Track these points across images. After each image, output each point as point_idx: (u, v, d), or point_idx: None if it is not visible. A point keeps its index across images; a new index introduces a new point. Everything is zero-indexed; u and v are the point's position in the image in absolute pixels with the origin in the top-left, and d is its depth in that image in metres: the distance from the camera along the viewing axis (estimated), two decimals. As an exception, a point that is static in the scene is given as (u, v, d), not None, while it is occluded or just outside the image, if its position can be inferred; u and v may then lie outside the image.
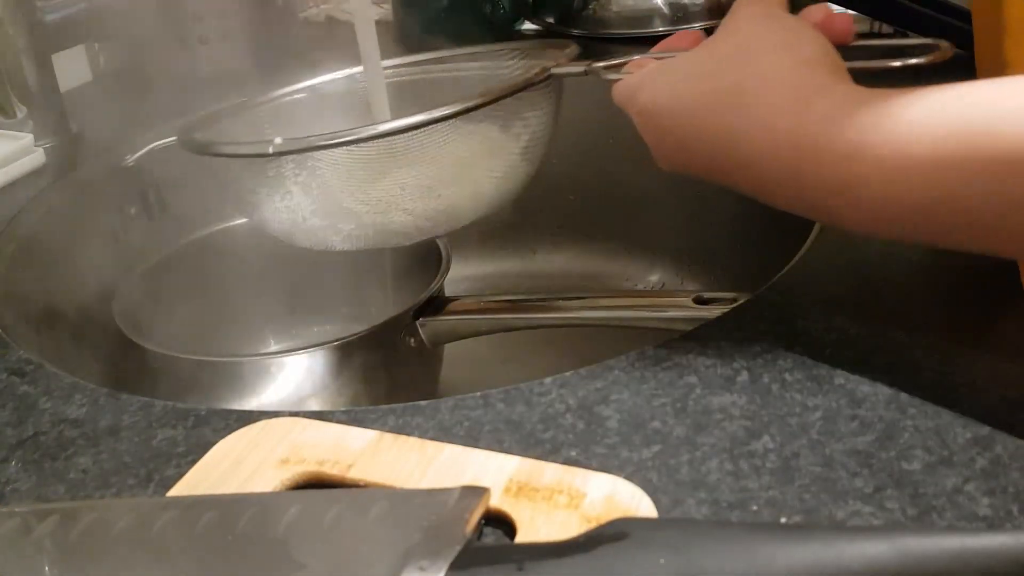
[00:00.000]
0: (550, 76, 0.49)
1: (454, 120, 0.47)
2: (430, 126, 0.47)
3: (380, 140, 0.47)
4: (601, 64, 0.48)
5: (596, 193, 0.80)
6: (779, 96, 0.36)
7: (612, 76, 0.45)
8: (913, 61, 0.40)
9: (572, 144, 0.78)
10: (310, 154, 0.48)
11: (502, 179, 0.51)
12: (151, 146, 0.71)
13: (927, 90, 0.32)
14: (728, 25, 0.40)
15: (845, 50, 0.40)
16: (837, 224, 0.35)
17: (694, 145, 0.39)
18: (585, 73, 0.49)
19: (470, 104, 0.47)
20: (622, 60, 0.47)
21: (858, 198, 0.33)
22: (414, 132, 0.47)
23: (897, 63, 0.40)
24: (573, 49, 0.54)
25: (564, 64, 0.49)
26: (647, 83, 0.41)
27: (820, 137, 0.34)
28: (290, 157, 0.48)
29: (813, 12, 0.41)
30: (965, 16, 0.68)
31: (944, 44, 0.40)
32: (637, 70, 0.44)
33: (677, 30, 0.83)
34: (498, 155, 0.51)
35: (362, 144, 0.46)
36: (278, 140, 0.47)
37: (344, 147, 0.47)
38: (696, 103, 0.39)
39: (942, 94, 0.31)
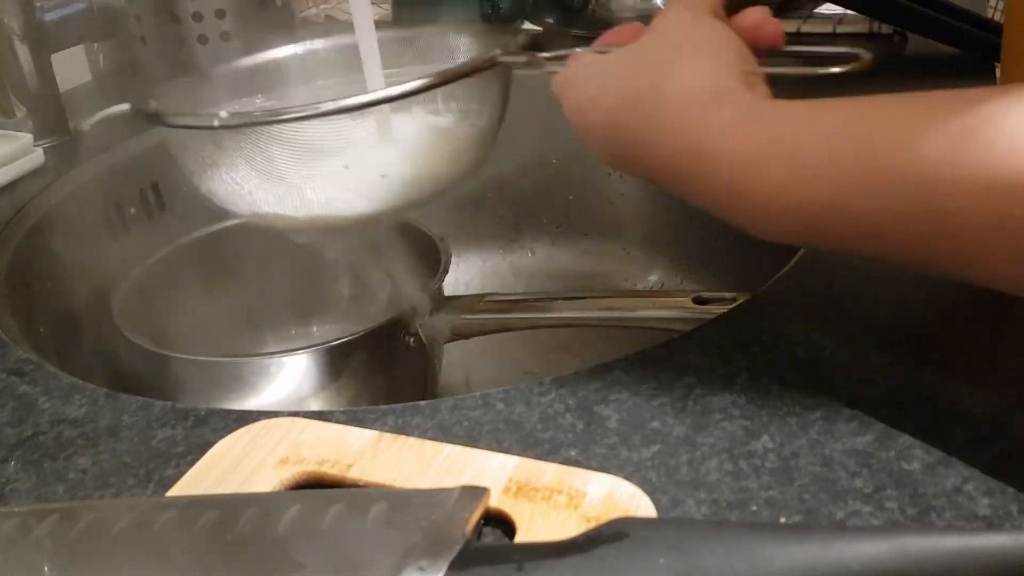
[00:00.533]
0: (496, 64, 0.50)
1: (396, 103, 0.48)
2: (374, 107, 0.47)
3: (324, 118, 0.47)
4: (544, 55, 0.49)
5: (595, 193, 0.81)
6: (688, 102, 0.37)
7: (553, 68, 0.46)
8: (834, 70, 0.41)
9: (570, 144, 0.78)
10: (256, 129, 0.48)
11: (449, 163, 0.52)
12: (104, 112, 0.72)
13: (831, 103, 0.33)
14: (655, 26, 0.41)
15: (774, 56, 0.41)
16: (741, 228, 0.36)
17: (615, 145, 0.40)
18: (529, 63, 0.49)
19: (410, 88, 0.47)
20: (564, 52, 0.48)
21: (752, 205, 0.34)
22: (357, 112, 0.47)
23: (819, 71, 0.41)
24: (522, 36, 0.54)
25: (511, 53, 0.50)
26: (575, 79, 0.43)
27: (719, 144, 0.35)
28: (236, 130, 0.49)
29: (748, 15, 0.42)
30: (979, 22, 0.68)
31: (864, 54, 0.41)
32: (578, 60, 0.45)
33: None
34: (444, 139, 0.51)
35: (306, 122, 0.47)
36: (224, 114, 0.48)
37: (287, 123, 0.47)
38: (615, 103, 0.40)
39: (844, 106, 0.33)
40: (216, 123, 0.48)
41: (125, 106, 0.55)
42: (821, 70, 0.41)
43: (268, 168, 0.49)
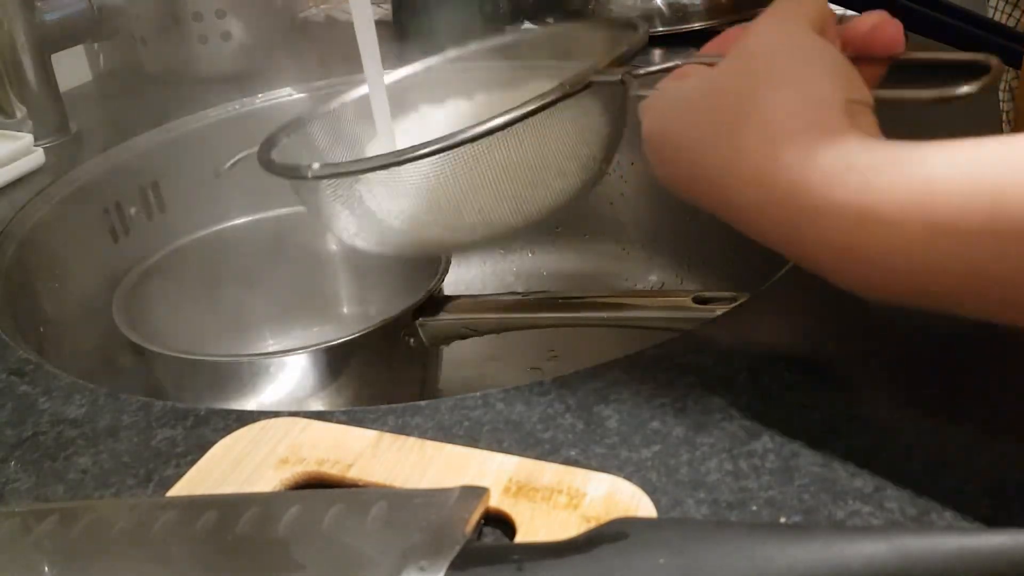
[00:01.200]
0: (589, 85, 0.45)
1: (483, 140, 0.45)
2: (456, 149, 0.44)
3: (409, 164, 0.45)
4: (639, 72, 0.44)
5: (595, 194, 0.80)
6: (780, 144, 0.31)
7: (641, 93, 0.41)
8: (962, 91, 0.34)
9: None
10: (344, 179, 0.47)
11: (546, 192, 0.49)
12: (242, 155, 0.70)
13: (952, 145, 0.28)
14: (741, 45, 0.35)
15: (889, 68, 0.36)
16: (842, 286, 0.31)
17: (688, 181, 0.36)
18: (622, 82, 0.44)
19: (492, 125, 0.44)
20: (660, 67, 0.42)
21: (867, 266, 0.30)
22: (440, 156, 0.45)
23: (946, 94, 0.34)
24: (639, 36, 0.49)
25: (603, 72, 0.45)
26: (651, 106, 0.38)
27: (824, 197, 0.30)
28: (328, 181, 0.48)
29: (865, 19, 0.37)
30: (979, 22, 0.68)
31: (995, 61, 0.35)
32: (672, 82, 0.39)
33: (678, 30, 0.84)
34: (536, 168, 0.48)
35: (391, 168, 0.45)
36: (316, 166, 0.47)
37: (376, 171, 0.46)
38: (691, 138, 0.35)
39: (972, 150, 0.28)
40: (309, 175, 0.47)
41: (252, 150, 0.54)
42: (947, 92, 0.34)
43: (364, 213, 0.48)
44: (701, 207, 0.36)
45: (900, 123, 0.35)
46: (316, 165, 0.47)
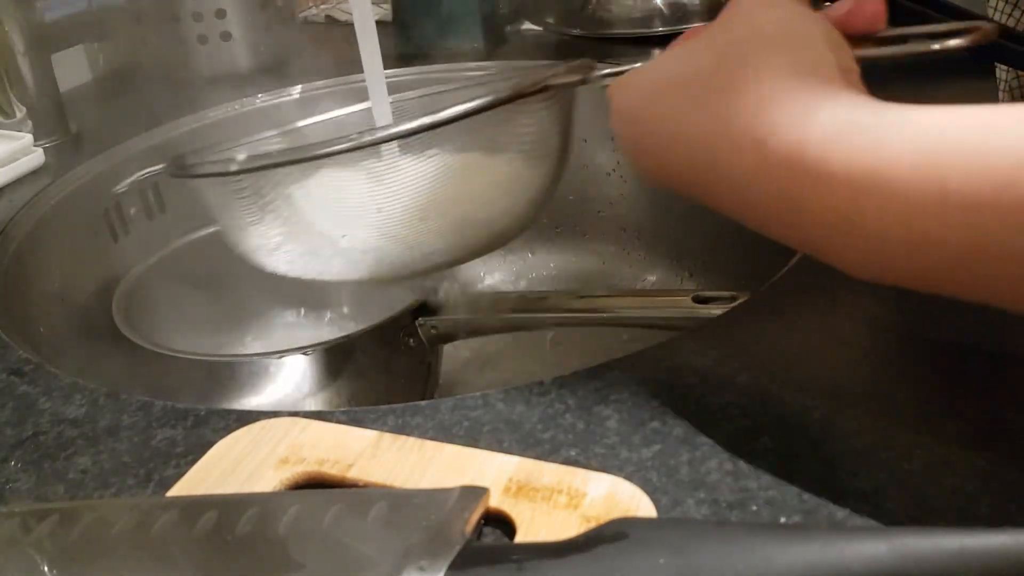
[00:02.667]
0: (546, 88, 0.43)
1: (427, 134, 0.41)
2: (398, 140, 0.41)
3: (354, 152, 0.42)
4: (602, 71, 0.43)
5: (595, 193, 0.81)
6: (773, 104, 0.29)
7: (607, 82, 0.41)
8: (952, 43, 0.33)
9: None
10: (278, 175, 0.43)
11: (501, 199, 0.45)
12: (136, 176, 0.68)
13: (965, 110, 0.26)
14: (724, 15, 0.34)
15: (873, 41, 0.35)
16: (836, 264, 0.29)
17: (669, 157, 0.33)
18: (584, 82, 0.44)
19: (441, 117, 0.41)
20: (624, 68, 0.41)
21: (868, 237, 0.27)
22: (385, 145, 0.41)
23: (935, 46, 0.33)
24: (585, 63, 0.46)
25: (561, 75, 0.44)
26: (622, 83, 0.36)
27: (824, 159, 0.27)
28: (259, 177, 0.43)
29: (842, 3, 0.35)
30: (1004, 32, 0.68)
31: (986, 25, 0.34)
32: None
33: (679, 30, 0.84)
34: (488, 175, 0.45)
35: (335, 158, 0.41)
36: (241, 156, 0.43)
37: (312, 161, 0.42)
38: (673, 109, 0.33)
39: (989, 115, 0.25)
40: (234, 167, 0.43)
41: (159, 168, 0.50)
42: (937, 45, 0.33)
43: (295, 218, 0.43)
44: (678, 190, 0.34)
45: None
46: (242, 156, 0.43)
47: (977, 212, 0.25)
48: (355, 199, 0.43)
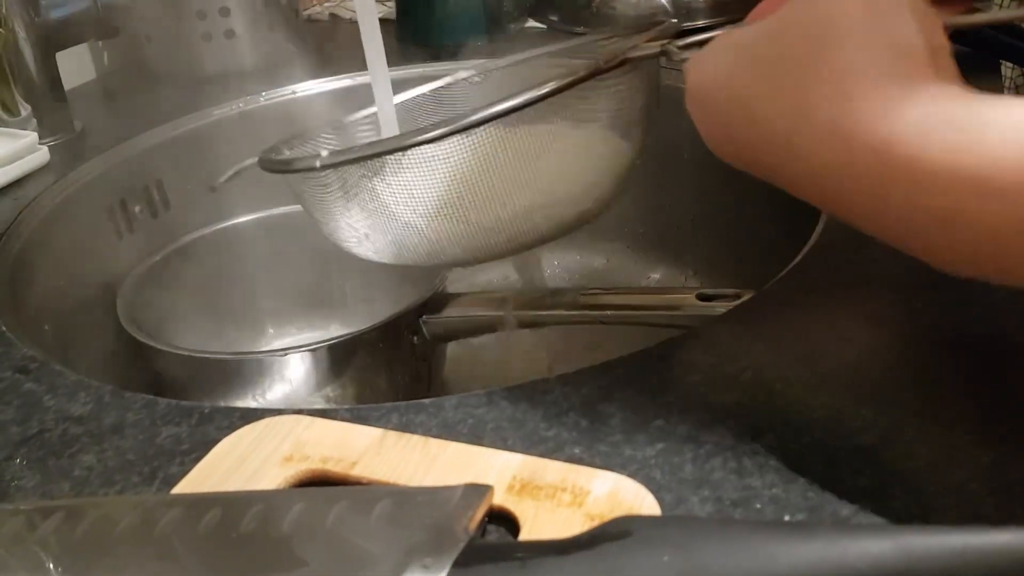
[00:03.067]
0: (624, 62, 0.41)
1: (503, 121, 0.40)
2: (473, 129, 0.41)
3: (422, 147, 0.41)
4: (680, 43, 0.40)
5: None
6: (860, 96, 0.28)
7: (684, 56, 0.38)
8: None
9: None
10: (358, 169, 0.43)
11: (578, 180, 0.45)
12: (236, 168, 0.68)
13: None
14: None
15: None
16: (932, 262, 0.28)
17: (744, 139, 0.32)
18: (662, 54, 0.41)
19: (511, 104, 0.40)
20: (705, 36, 0.37)
21: (970, 236, 0.26)
22: (458, 136, 0.41)
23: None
24: (667, 26, 0.44)
25: (638, 48, 0.41)
26: (699, 59, 0.34)
27: (916, 156, 0.26)
28: (344, 174, 0.44)
29: None
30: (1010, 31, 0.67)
31: None
32: None
33: (682, 30, 0.84)
34: (571, 153, 0.44)
35: (405, 152, 0.41)
36: (324, 153, 0.44)
37: (386, 156, 0.42)
38: (748, 92, 0.31)
39: None
40: (318, 163, 0.44)
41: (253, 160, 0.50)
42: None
43: (378, 208, 0.44)
44: (756, 173, 0.33)
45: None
46: (324, 153, 0.44)
47: None
48: (434, 188, 0.43)
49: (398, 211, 0.44)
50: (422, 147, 0.41)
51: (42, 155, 0.69)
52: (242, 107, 0.79)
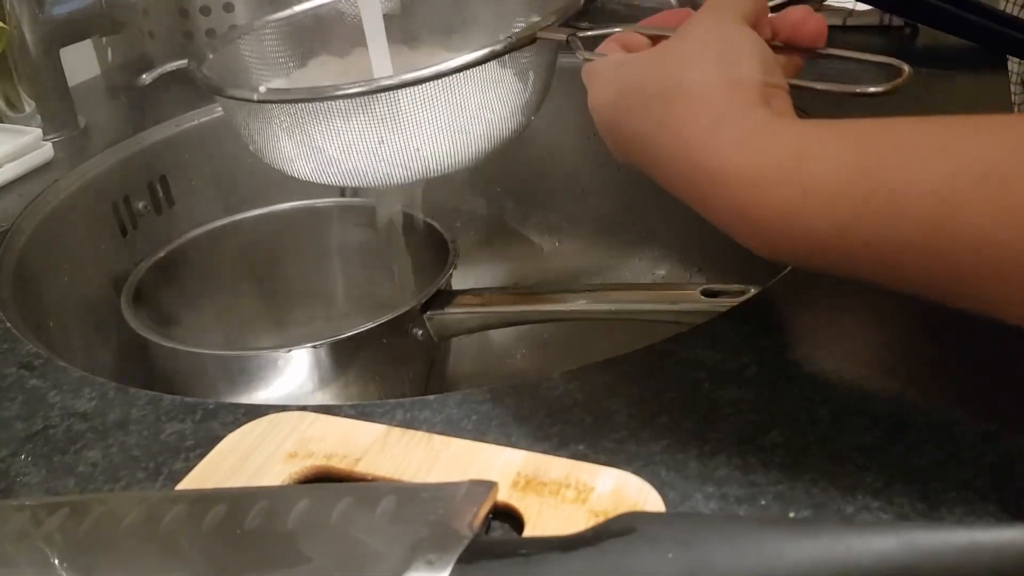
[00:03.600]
0: (535, 40, 0.49)
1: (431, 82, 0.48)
2: (403, 88, 0.48)
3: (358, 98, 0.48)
4: (582, 35, 0.48)
5: (603, 186, 0.80)
6: (698, 114, 0.35)
7: (585, 55, 0.45)
8: (871, 90, 0.38)
9: (579, 136, 0.78)
10: (294, 104, 0.49)
11: (482, 138, 0.53)
12: (162, 69, 0.75)
13: (845, 125, 0.32)
14: (682, 29, 0.40)
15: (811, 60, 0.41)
16: (746, 246, 0.35)
17: (629, 149, 0.40)
18: (567, 42, 0.49)
19: (444, 68, 0.48)
20: (604, 31, 0.46)
21: (758, 226, 0.33)
22: (388, 92, 0.48)
23: (855, 89, 0.38)
24: (572, 4, 0.54)
25: (550, 30, 0.50)
26: (600, 76, 0.42)
27: (727, 161, 0.34)
28: (275, 104, 0.50)
29: (791, 13, 0.41)
30: (991, 14, 0.67)
31: (903, 67, 0.38)
32: (615, 46, 0.44)
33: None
34: (480, 113, 0.52)
35: (340, 100, 0.48)
36: (262, 89, 0.50)
37: (322, 100, 0.48)
38: (631, 108, 0.39)
39: (857, 129, 0.31)
40: (256, 97, 0.50)
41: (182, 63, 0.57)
42: (858, 89, 0.38)
43: (306, 141, 0.51)
44: (642, 172, 0.40)
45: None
46: (263, 88, 0.50)
47: (840, 207, 0.30)
48: (359, 133, 0.50)
49: (323, 145, 0.50)
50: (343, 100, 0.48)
51: (46, 151, 0.69)
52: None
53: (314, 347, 0.56)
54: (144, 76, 0.72)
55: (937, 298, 0.30)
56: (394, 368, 0.60)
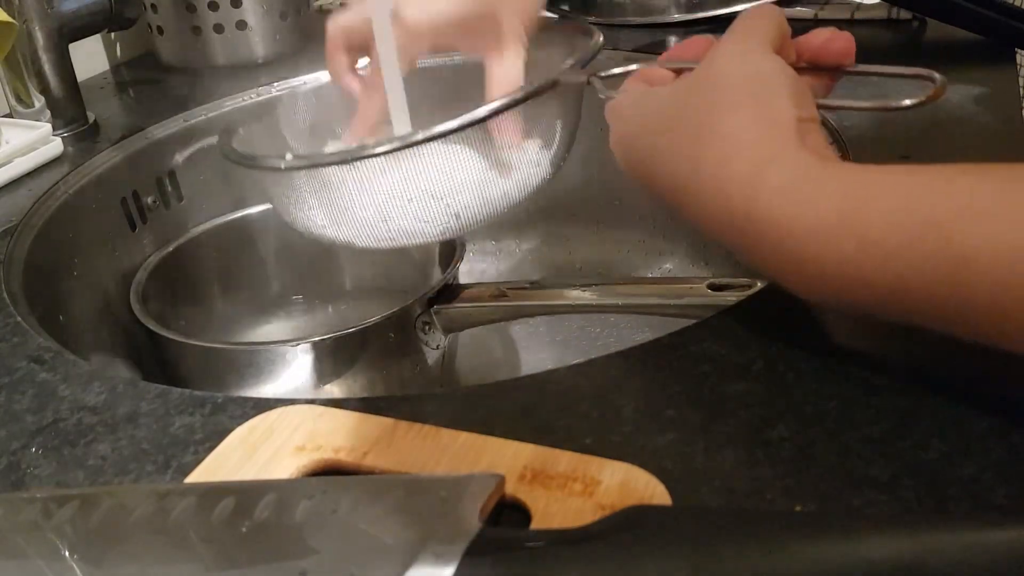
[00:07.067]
0: (556, 84, 0.48)
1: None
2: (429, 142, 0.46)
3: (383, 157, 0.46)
4: (603, 74, 0.47)
5: (610, 181, 0.80)
6: (735, 158, 0.34)
7: (607, 94, 0.45)
8: (905, 103, 0.37)
9: (585, 133, 0.78)
10: (320, 169, 0.48)
11: (513, 184, 0.50)
12: (196, 146, 0.72)
13: (896, 172, 0.31)
14: (705, 64, 0.38)
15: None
16: (794, 294, 0.35)
17: (652, 185, 0.39)
18: (588, 83, 0.48)
19: (466, 120, 0.45)
20: (623, 69, 0.46)
21: (813, 276, 0.33)
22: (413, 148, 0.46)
23: (891, 104, 0.37)
24: (595, 41, 0.51)
25: (568, 73, 0.48)
26: (622, 111, 0.41)
27: (773, 211, 0.33)
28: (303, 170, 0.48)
29: (816, 35, 0.40)
30: (999, 7, 0.67)
31: (938, 78, 0.38)
32: (639, 84, 0.43)
33: (696, 17, 0.84)
34: (506, 161, 0.50)
35: (365, 160, 0.46)
36: (289, 156, 0.48)
37: (347, 163, 0.47)
38: (656, 149, 0.38)
39: (912, 179, 0.31)
40: (283, 165, 0.48)
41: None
42: (893, 103, 0.37)
43: (338, 206, 0.49)
44: (668, 208, 0.39)
45: (925, 117, 0.35)
46: (289, 156, 0.48)
47: (890, 258, 0.30)
48: (386, 191, 0.48)
49: (350, 205, 0.48)
50: (370, 159, 0.46)
51: (56, 146, 0.69)
52: (254, 98, 0.79)
53: (322, 341, 0.57)
54: (177, 156, 0.72)
55: (1007, 349, 0.30)
56: (401, 362, 0.60)
